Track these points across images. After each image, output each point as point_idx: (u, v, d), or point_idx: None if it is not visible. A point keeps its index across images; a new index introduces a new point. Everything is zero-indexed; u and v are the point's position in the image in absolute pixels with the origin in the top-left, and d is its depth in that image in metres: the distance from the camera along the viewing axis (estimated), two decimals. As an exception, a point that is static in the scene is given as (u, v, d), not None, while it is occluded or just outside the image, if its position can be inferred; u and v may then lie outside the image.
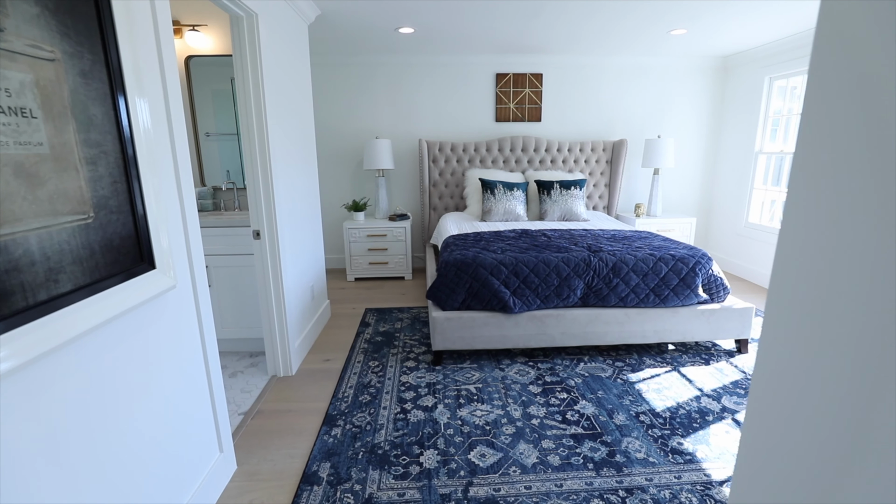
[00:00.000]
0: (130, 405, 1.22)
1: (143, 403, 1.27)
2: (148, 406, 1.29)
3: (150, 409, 1.30)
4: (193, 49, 2.92)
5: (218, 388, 1.66)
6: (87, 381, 1.07)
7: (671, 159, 4.33)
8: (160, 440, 1.34)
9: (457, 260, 2.65)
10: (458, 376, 2.52)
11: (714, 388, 2.38)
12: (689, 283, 2.65)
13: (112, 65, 1.12)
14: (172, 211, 1.42)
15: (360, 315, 3.51)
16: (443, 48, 4.11)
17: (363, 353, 2.82)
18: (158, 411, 1.34)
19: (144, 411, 1.27)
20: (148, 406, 1.29)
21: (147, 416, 1.29)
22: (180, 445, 1.44)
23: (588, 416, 2.13)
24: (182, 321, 1.47)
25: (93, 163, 1.06)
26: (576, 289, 2.62)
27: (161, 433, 1.35)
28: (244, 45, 2.16)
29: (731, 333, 2.73)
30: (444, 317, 2.57)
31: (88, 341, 1.07)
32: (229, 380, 2.54)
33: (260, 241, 2.38)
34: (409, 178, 4.72)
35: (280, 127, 2.47)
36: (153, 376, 1.32)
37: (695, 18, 3.25)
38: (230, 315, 2.76)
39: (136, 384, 1.24)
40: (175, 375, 1.43)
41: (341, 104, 4.50)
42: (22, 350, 0.85)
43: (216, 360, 1.66)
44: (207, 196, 3.11)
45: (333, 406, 2.24)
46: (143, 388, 1.27)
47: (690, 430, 2.02)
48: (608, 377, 2.50)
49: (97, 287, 1.06)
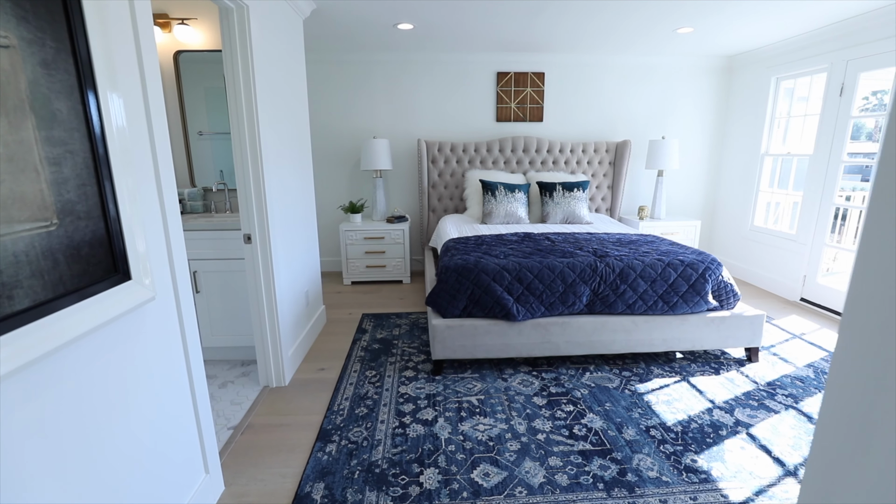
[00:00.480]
0: (105, 428, 1.10)
1: (119, 426, 1.15)
2: (125, 428, 1.18)
3: (128, 432, 1.19)
4: (183, 44, 2.80)
5: (203, 407, 1.54)
6: (54, 406, 0.96)
7: (675, 161, 4.24)
8: (140, 463, 1.23)
9: (458, 265, 2.54)
10: (460, 387, 2.41)
11: (726, 399, 2.28)
12: (698, 289, 2.55)
13: (80, 55, 1.00)
14: (151, 216, 1.31)
15: (357, 321, 3.39)
16: (442, 46, 4.01)
17: (360, 362, 2.71)
18: (137, 433, 1.22)
19: (121, 434, 1.16)
20: (125, 428, 1.18)
21: (125, 438, 1.17)
22: (163, 468, 1.33)
23: (596, 431, 2.02)
24: (163, 335, 1.36)
25: (56, 163, 0.95)
26: (581, 295, 2.51)
27: (141, 455, 1.23)
28: (234, 39, 2.05)
29: (741, 342, 2.64)
30: (444, 325, 2.46)
31: (52, 363, 0.96)
32: (219, 390, 2.43)
33: (251, 245, 2.26)
34: (408, 179, 4.61)
35: (272, 126, 2.36)
36: (131, 397, 1.20)
37: (702, 16, 3.15)
38: (221, 322, 2.64)
39: (111, 406, 1.13)
40: (156, 394, 1.31)
41: (338, 103, 4.38)
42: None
43: (202, 376, 1.54)
44: (197, 197, 2.99)
45: (328, 419, 2.13)
46: (120, 409, 1.16)
47: (704, 446, 1.92)
48: (615, 388, 2.39)
49: (61, 303, 0.95)
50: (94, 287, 1.03)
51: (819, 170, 3.52)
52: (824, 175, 3.48)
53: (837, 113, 3.35)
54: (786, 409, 2.18)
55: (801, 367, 2.61)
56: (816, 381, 2.45)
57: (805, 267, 3.68)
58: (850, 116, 3.27)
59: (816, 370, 2.57)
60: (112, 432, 1.14)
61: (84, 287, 1.01)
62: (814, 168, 3.57)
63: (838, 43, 3.32)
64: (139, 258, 1.17)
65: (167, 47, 2.81)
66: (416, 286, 4.27)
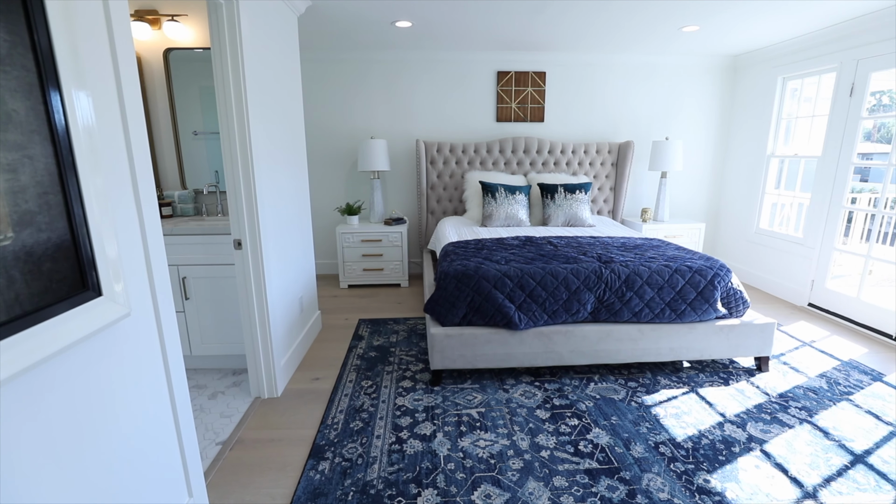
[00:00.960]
0: (76, 456, 1.00)
1: (90, 454, 1.05)
2: (96, 457, 1.08)
3: (100, 461, 1.09)
4: (173, 41, 2.70)
5: (187, 428, 1.44)
6: (15, 434, 0.86)
7: (679, 162, 4.15)
8: (115, 492, 1.13)
9: (457, 271, 2.44)
10: (459, 399, 2.31)
11: (737, 412, 2.18)
12: (707, 296, 2.46)
13: (41, 50, 0.90)
14: (127, 224, 1.21)
15: (354, 327, 3.30)
16: (442, 44, 3.91)
17: (355, 371, 2.61)
18: (111, 462, 1.12)
19: (92, 464, 1.06)
20: (96, 457, 1.08)
21: (97, 468, 1.07)
22: (143, 493, 1.23)
23: (603, 448, 1.93)
24: (141, 353, 1.26)
25: (12, 170, 0.85)
26: (586, 303, 2.42)
27: (117, 484, 1.13)
28: (223, 36, 1.95)
29: (750, 351, 2.55)
30: (443, 333, 2.36)
31: (13, 388, 0.86)
32: (208, 402, 2.33)
33: (241, 251, 2.16)
34: (406, 180, 4.51)
35: (264, 126, 2.26)
36: (102, 424, 1.10)
37: (710, 14, 3.06)
38: (212, 330, 2.54)
39: (80, 433, 1.03)
40: (132, 418, 1.21)
41: (334, 102, 4.28)
42: None
43: (185, 395, 1.44)
44: (188, 200, 2.89)
45: (321, 434, 2.03)
46: (90, 437, 1.06)
47: (716, 465, 1.83)
48: (621, 400, 2.30)
49: (18, 325, 0.85)
50: (57, 306, 0.94)
51: (828, 172, 3.43)
52: (833, 177, 3.39)
53: (847, 113, 3.26)
54: (800, 424, 2.09)
55: (813, 378, 2.52)
56: (830, 392, 2.36)
57: (813, 271, 3.59)
58: (860, 117, 3.18)
59: (829, 381, 2.48)
60: (83, 462, 1.04)
61: (47, 306, 0.92)
62: (822, 170, 3.48)
63: (848, 42, 3.23)
64: (111, 270, 1.07)
65: (157, 44, 2.70)
66: (415, 290, 4.18)
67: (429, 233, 4.36)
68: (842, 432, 2.03)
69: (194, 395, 2.39)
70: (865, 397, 2.32)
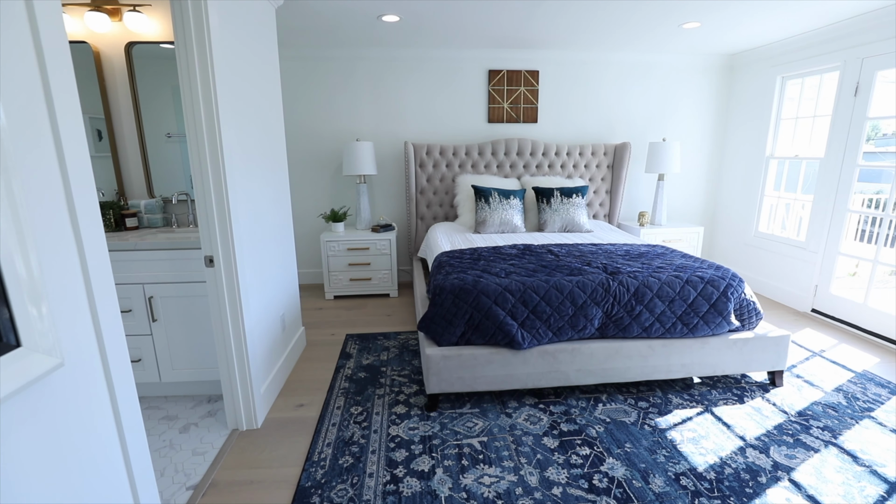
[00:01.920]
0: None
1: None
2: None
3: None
4: (135, 34, 2.45)
5: (147, 489, 1.22)
6: None
7: (677, 164, 4.02)
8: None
9: (454, 286, 2.25)
10: (458, 426, 2.12)
11: (757, 435, 2.03)
12: (720, 309, 2.31)
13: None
14: (58, 251, 0.98)
15: (341, 343, 3.07)
16: (431, 41, 3.71)
17: (343, 396, 2.39)
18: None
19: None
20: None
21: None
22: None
23: (619, 481, 1.75)
24: (82, 408, 1.03)
25: None
26: (593, 318, 2.25)
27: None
28: (188, 28, 1.72)
29: (764, 365, 2.41)
30: (440, 354, 2.16)
31: None
32: (179, 436, 2.08)
33: (214, 269, 1.93)
34: (394, 184, 4.30)
35: (237, 130, 2.03)
36: (32, 491, 0.88)
37: (712, 10, 2.92)
38: (183, 354, 2.30)
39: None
40: (74, 484, 0.99)
41: (317, 103, 4.05)
42: None
43: (144, 451, 1.21)
44: (156, 209, 2.63)
45: (307, 474, 1.81)
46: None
47: (745, 499, 1.66)
48: (633, 423, 2.13)
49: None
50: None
51: (831, 174, 3.33)
52: (837, 179, 3.29)
53: (852, 113, 3.16)
54: (825, 447, 1.95)
55: (829, 392, 2.39)
56: (850, 408, 2.23)
57: (817, 276, 3.49)
58: (865, 117, 3.08)
59: (847, 395, 2.35)
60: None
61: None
62: (825, 172, 3.38)
63: (852, 40, 3.13)
64: (34, 315, 0.85)
65: (117, 38, 2.45)
66: (405, 300, 3.97)
67: (419, 240, 4.15)
68: (871, 456, 1.89)
69: (163, 428, 2.14)
70: (888, 414, 2.19)
